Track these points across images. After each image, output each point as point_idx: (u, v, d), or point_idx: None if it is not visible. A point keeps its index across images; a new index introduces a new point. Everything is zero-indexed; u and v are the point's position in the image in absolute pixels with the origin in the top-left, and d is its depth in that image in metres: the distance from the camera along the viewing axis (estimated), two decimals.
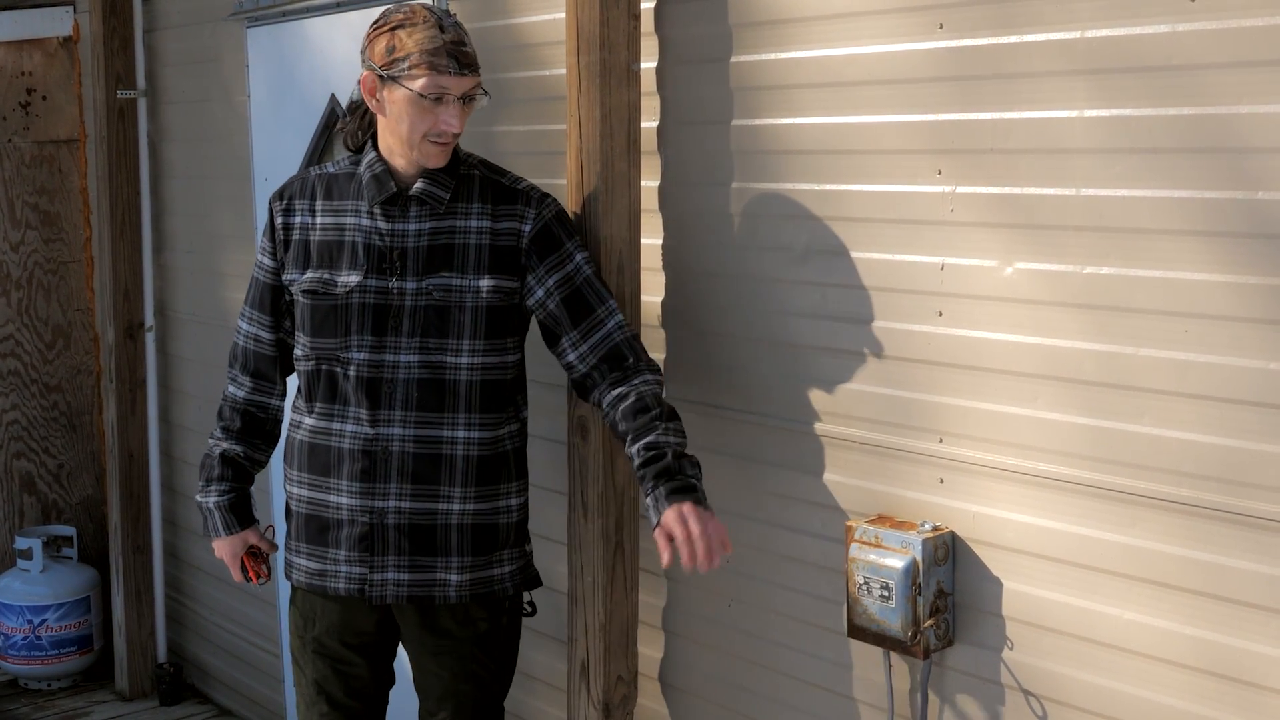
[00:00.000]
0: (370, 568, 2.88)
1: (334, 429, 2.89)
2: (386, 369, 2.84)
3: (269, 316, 3.02)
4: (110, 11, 5.04)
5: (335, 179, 2.95)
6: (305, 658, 3.05)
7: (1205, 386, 2.22)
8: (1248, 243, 2.15)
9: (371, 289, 2.84)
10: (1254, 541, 2.19)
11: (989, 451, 2.53)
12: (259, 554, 3.13)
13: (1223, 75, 2.15)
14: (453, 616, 2.94)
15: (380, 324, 2.84)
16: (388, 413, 2.84)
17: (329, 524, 2.91)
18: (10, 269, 5.71)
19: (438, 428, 2.84)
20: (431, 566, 2.88)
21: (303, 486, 2.95)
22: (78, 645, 5.48)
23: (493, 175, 2.91)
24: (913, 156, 2.59)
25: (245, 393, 3.07)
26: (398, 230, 2.84)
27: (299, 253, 2.93)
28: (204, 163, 4.90)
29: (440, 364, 2.83)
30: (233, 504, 3.07)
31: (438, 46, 2.72)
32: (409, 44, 2.72)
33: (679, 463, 2.66)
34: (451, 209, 2.84)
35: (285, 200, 2.98)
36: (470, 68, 2.76)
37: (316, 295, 2.89)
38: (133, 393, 5.25)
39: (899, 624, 2.57)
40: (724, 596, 3.07)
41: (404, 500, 2.85)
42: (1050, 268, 2.40)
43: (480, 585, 2.91)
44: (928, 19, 2.54)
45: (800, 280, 2.82)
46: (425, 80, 2.72)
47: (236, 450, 3.07)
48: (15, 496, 5.78)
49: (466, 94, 2.77)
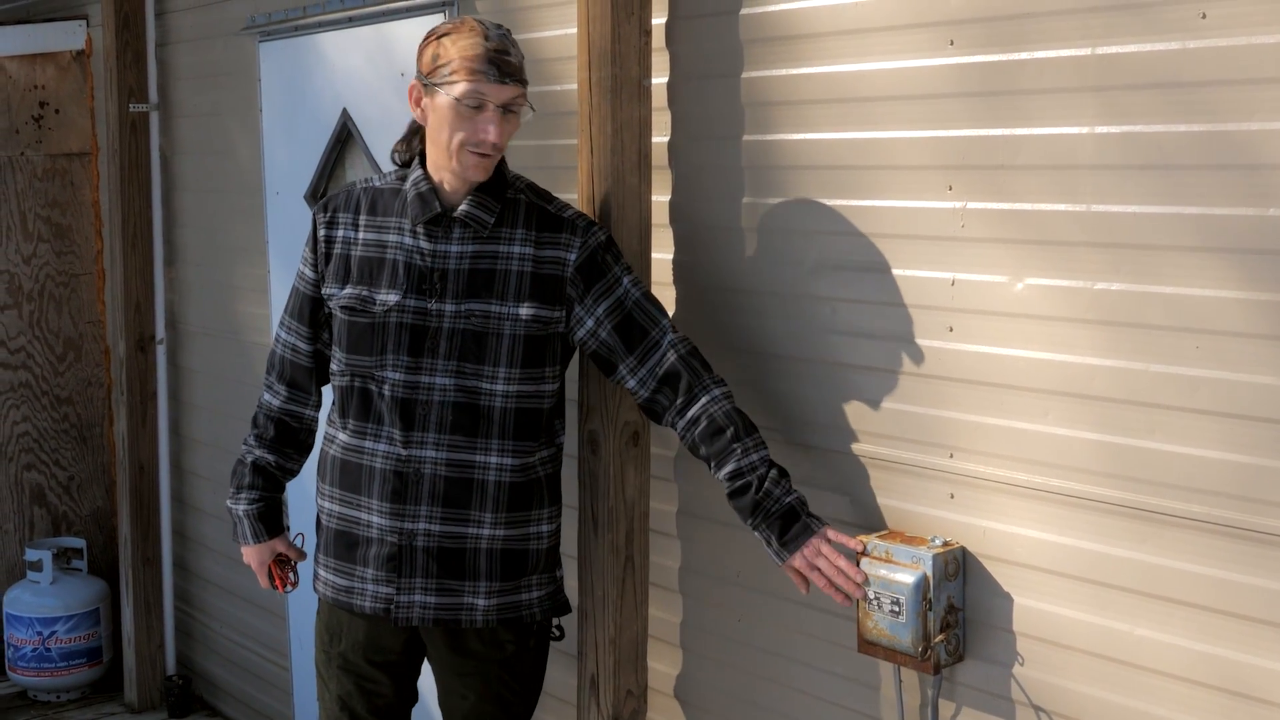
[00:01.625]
0: (397, 589, 2.85)
1: (366, 447, 2.86)
2: (421, 390, 2.81)
3: (307, 328, 2.99)
4: (123, 26, 5.06)
5: (381, 194, 2.91)
6: (330, 672, 3.03)
7: (1216, 402, 2.22)
8: (1258, 259, 2.15)
9: (410, 309, 2.81)
10: (1265, 557, 2.18)
11: (1000, 467, 2.53)
12: (287, 561, 3.14)
13: (1233, 91, 2.15)
14: (479, 639, 2.92)
15: (417, 345, 2.80)
16: (421, 434, 2.81)
17: (358, 541, 2.88)
18: (22, 281, 5.73)
19: (470, 452, 2.81)
20: (459, 590, 2.85)
21: (334, 502, 2.93)
22: (87, 657, 5.49)
23: (538, 201, 2.87)
24: (924, 172, 2.59)
25: (280, 401, 3.05)
26: (440, 251, 2.81)
27: (339, 267, 2.90)
28: (215, 176, 4.92)
29: (475, 389, 2.80)
30: (261, 513, 3.07)
31: (479, 54, 2.69)
32: (452, 51, 2.70)
33: (773, 489, 2.66)
34: (495, 234, 2.81)
35: (329, 213, 2.93)
36: (512, 77, 2.72)
37: (354, 312, 2.86)
38: (143, 405, 5.27)
39: (910, 639, 2.56)
40: (734, 611, 3.07)
41: (434, 523, 2.82)
42: (1061, 283, 2.40)
43: (508, 610, 2.89)
44: (939, 35, 2.54)
45: (811, 295, 2.83)
46: (465, 86, 2.69)
47: (269, 459, 3.06)
48: (26, 508, 5.79)
49: (507, 104, 2.73)
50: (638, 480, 3.07)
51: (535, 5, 3.42)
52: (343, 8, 4.03)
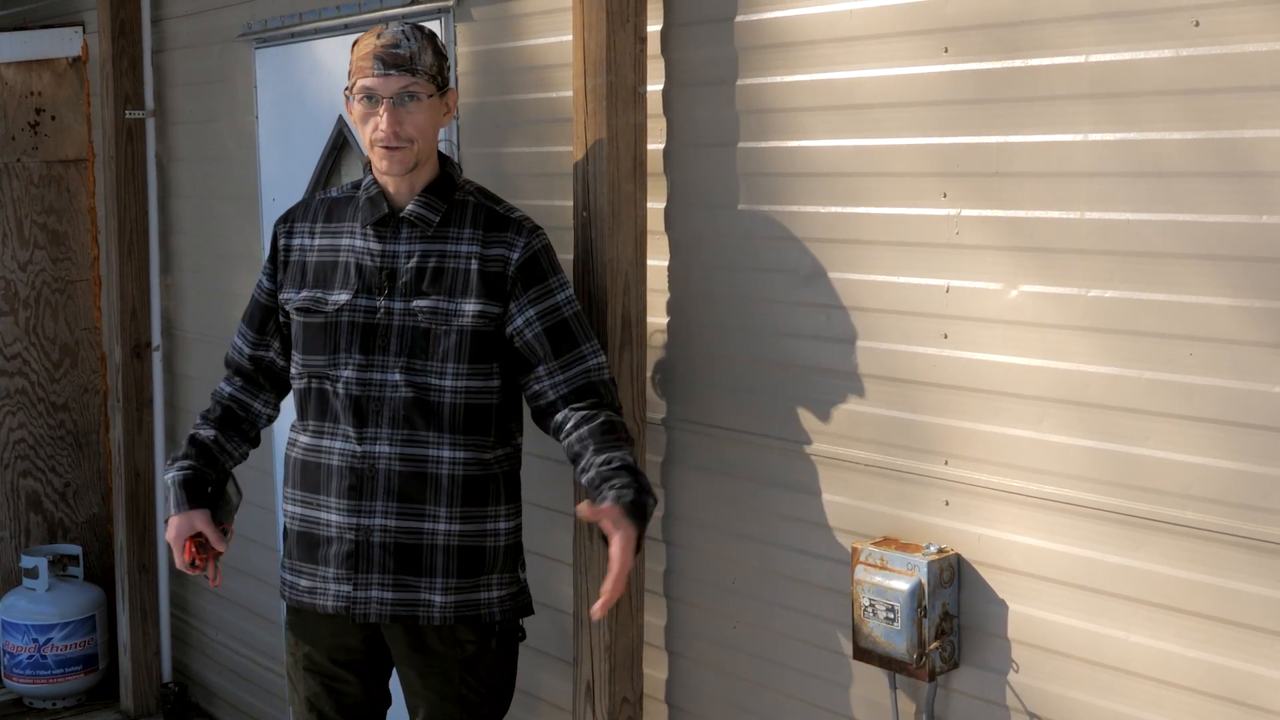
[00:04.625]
0: (354, 585, 2.89)
1: (324, 446, 2.91)
2: (374, 387, 2.86)
3: (254, 333, 3.07)
4: (119, 32, 5.06)
5: (337, 203, 3.00)
6: (297, 675, 3.06)
7: (1210, 410, 2.22)
8: (1252, 266, 2.15)
9: (361, 308, 2.88)
10: (1260, 564, 2.18)
11: (994, 474, 2.53)
12: (205, 545, 2.95)
13: (1227, 99, 2.16)
14: (439, 637, 2.93)
15: (368, 343, 2.87)
16: (374, 430, 2.86)
17: (319, 541, 2.92)
18: (18, 288, 5.73)
19: (423, 446, 2.85)
20: (416, 586, 2.88)
21: (296, 504, 2.97)
22: (83, 664, 5.48)
23: (486, 202, 2.93)
24: (918, 179, 2.60)
25: (232, 389, 3.10)
26: (389, 251, 2.88)
27: (296, 273, 2.97)
28: (211, 183, 4.92)
29: (425, 385, 2.85)
30: (186, 481, 2.96)
31: (368, 52, 2.81)
32: (353, 56, 2.85)
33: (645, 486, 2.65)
34: (442, 233, 2.87)
35: (288, 224, 3.04)
36: (398, 67, 2.79)
37: (308, 313, 2.93)
38: (139, 412, 5.27)
39: (904, 646, 2.56)
40: (729, 618, 3.07)
41: (390, 518, 2.86)
42: (1055, 291, 2.40)
43: (466, 608, 2.90)
44: (933, 43, 2.55)
45: (806, 302, 2.83)
46: (357, 84, 2.82)
47: (208, 435, 3.05)
48: (21, 515, 5.78)
49: (396, 95, 2.79)
50: None
51: (531, 13, 3.43)
52: (339, 14, 4.03)
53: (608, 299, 3.00)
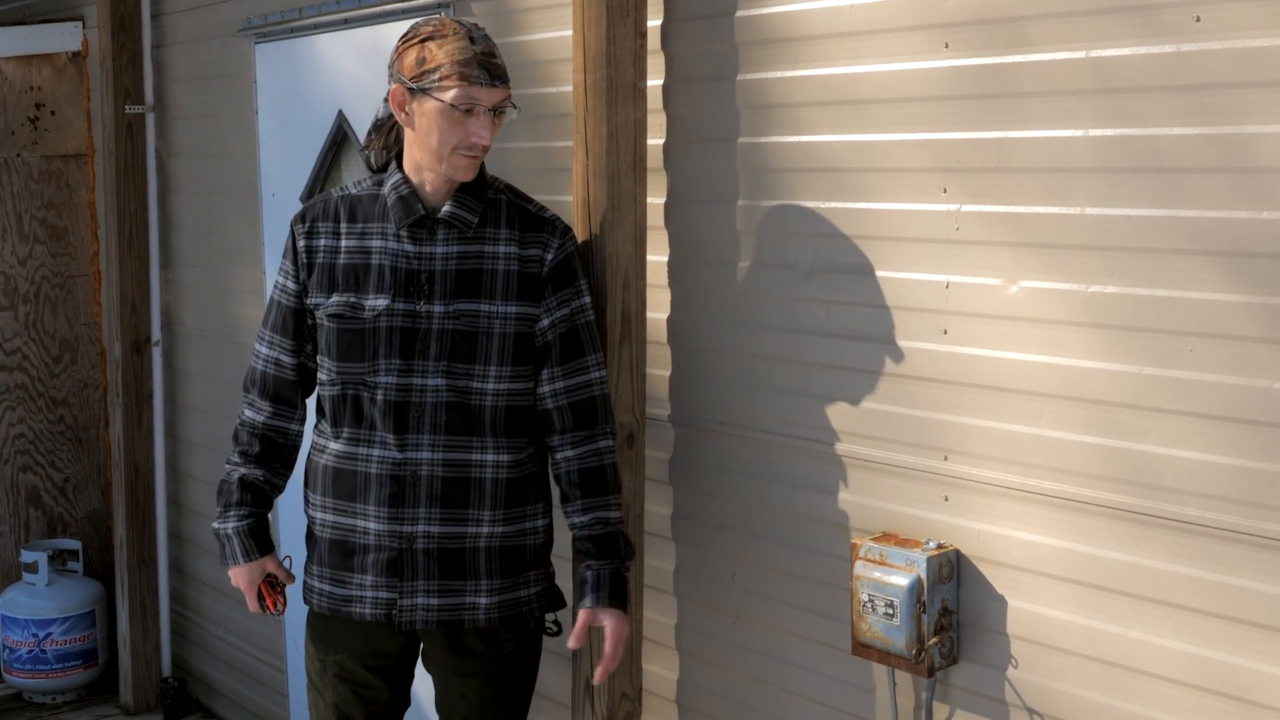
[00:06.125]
0: (399, 593, 2.85)
1: (360, 453, 2.85)
2: (414, 393, 2.81)
3: (291, 340, 2.95)
4: (119, 27, 5.06)
5: (359, 200, 2.90)
6: (325, 682, 3.02)
7: (1210, 406, 2.22)
8: (1253, 262, 2.15)
9: (399, 312, 2.81)
10: (1259, 560, 2.18)
11: (994, 469, 2.53)
12: (276, 583, 3.04)
13: (1228, 95, 2.15)
14: (480, 638, 2.92)
15: (408, 347, 2.81)
16: (415, 437, 2.81)
17: (355, 549, 2.87)
18: (18, 283, 5.73)
19: (466, 451, 2.82)
20: (461, 590, 2.85)
21: (327, 511, 2.90)
22: (82, 659, 5.48)
23: (519, 201, 2.89)
24: (918, 175, 2.60)
25: (265, 417, 2.99)
26: (425, 253, 2.82)
27: (323, 276, 2.88)
28: (211, 178, 4.92)
29: (467, 389, 2.81)
30: (252, 529, 2.98)
31: (469, 58, 2.70)
32: (440, 55, 2.71)
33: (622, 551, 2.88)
34: (480, 233, 2.82)
35: (308, 223, 2.91)
36: (501, 79, 2.75)
37: (343, 319, 2.85)
38: (139, 407, 5.26)
39: (904, 642, 2.56)
40: (728, 614, 3.07)
41: (433, 524, 2.82)
42: (1055, 286, 2.40)
43: (509, 607, 2.89)
44: (933, 38, 2.54)
45: (805, 298, 2.83)
46: (456, 91, 2.70)
47: (256, 475, 2.98)
48: (21, 510, 5.79)
49: (497, 106, 2.75)
50: (633, 483, 3.06)
51: (531, 7, 3.43)
52: (339, 10, 4.03)
53: (607, 294, 3.00)
